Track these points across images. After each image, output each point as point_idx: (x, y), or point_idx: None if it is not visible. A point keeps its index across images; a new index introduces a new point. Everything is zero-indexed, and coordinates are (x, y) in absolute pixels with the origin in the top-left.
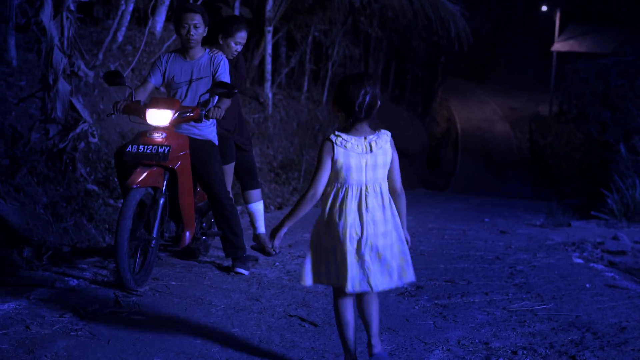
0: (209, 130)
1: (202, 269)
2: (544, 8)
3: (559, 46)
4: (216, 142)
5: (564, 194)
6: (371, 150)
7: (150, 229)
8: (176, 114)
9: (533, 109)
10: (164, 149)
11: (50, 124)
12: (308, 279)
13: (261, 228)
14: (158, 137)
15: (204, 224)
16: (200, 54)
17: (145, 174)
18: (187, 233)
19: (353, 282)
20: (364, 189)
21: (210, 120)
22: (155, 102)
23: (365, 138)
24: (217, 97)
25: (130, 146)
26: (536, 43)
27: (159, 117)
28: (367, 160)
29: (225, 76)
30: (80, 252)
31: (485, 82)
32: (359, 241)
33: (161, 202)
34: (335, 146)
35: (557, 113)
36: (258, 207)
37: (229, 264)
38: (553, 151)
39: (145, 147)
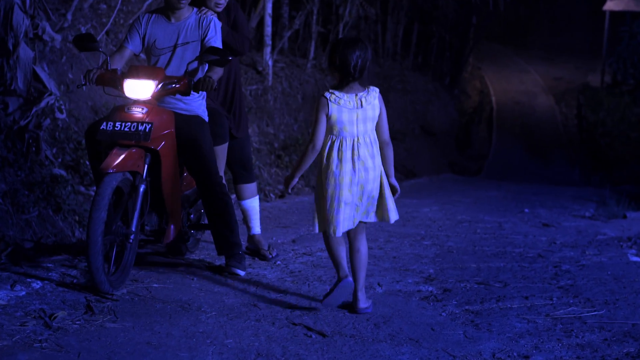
0: (197, 104)
1: (190, 269)
2: None
3: (612, 4)
4: (206, 118)
5: (619, 179)
6: (362, 105)
7: (128, 221)
8: (160, 86)
9: (581, 79)
10: (145, 127)
11: (9, 96)
12: (318, 228)
13: (256, 228)
14: (138, 112)
15: (192, 216)
16: (187, 15)
17: (122, 157)
18: (172, 226)
19: (344, 224)
20: (356, 140)
21: (200, 92)
22: (135, 71)
23: (356, 95)
24: (207, 65)
25: (104, 123)
26: (585, 1)
27: (140, 88)
28: (358, 114)
29: (216, 40)
30: (46, 248)
31: (525, 47)
32: (351, 187)
33: (141, 189)
34: (329, 102)
35: (610, 84)
36: (253, 204)
37: (222, 262)
38: (605, 129)
39: (123, 124)
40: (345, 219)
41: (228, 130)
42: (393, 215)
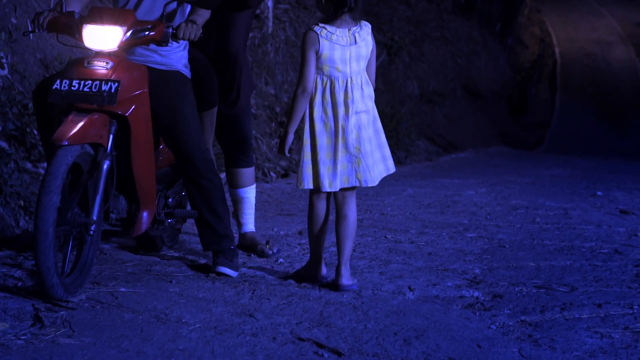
0: (177, 57)
1: (168, 269)
2: None
3: None
4: (188, 75)
5: None
6: (355, 42)
7: (88, 208)
8: (129, 33)
9: None
10: (111, 86)
11: None
12: (308, 183)
13: (250, 225)
14: (101, 67)
15: (170, 200)
16: None
17: (81, 124)
18: (145, 214)
19: (341, 178)
20: (349, 81)
21: (181, 42)
22: (98, 14)
23: (349, 30)
24: (189, 8)
25: (58, 81)
26: None
27: (103, 37)
28: (351, 52)
29: None
30: None
31: None
32: (345, 134)
33: (105, 166)
34: (320, 38)
35: None
36: (248, 194)
37: (209, 260)
38: None
39: (82, 82)
40: (342, 172)
41: (218, 91)
42: (392, 164)
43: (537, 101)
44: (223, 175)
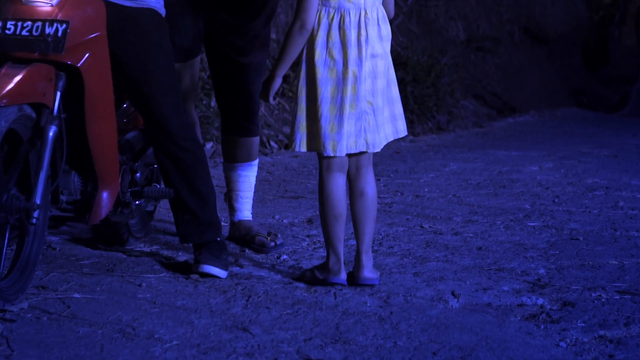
0: None
1: (135, 269)
2: None
3: None
4: (162, 12)
5: None
6: None
7: (29, 188)
8: None
9: None
10: (57, 29)
11: None
12: (301, 145)
13: (246, 210)
14: (44, 4)
15: (137, 175)
16: None
17: (18, 79)
18: (105, 194)
19: (348, 140)
20: (363, 14)
21: None
22: None
23: None
24: None
25: None
26: None
27: None
28: None
29: None
30: None
31: None
32: (357, 83)
33: (51, 133)
34: None
35: None
36: (248, 172)
37: (190, 257)
38: None
39: (19, 24)
40: (349, 133)
41: (201, 36)
42: (403, 125)
43: (620, 48)
44: (209, 146)
